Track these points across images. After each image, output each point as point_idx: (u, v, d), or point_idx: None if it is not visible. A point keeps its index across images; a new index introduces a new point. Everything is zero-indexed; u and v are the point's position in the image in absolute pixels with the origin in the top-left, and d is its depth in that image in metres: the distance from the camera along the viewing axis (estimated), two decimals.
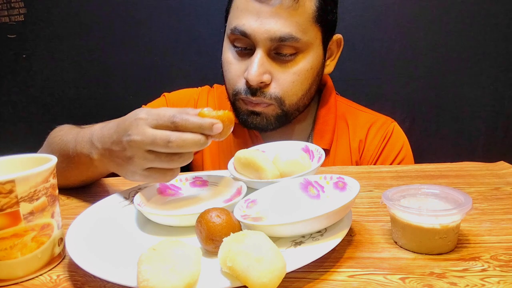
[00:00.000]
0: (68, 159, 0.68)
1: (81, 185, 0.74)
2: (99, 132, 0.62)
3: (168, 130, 0.53)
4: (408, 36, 1.25)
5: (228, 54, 0.83)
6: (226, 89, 0.86)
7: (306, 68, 0.80)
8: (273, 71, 0.79)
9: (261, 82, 0.78)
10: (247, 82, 0.79)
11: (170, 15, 1.34)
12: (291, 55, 0.78)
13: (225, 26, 0.85)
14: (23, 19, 1.42)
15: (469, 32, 1.22)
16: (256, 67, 0.76)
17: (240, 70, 0.81)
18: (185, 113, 0.54)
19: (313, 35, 0.79)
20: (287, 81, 0.79)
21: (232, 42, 0.82)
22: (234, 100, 0.84)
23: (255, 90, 0.79)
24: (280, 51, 0.78)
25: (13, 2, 1.41)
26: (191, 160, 0.55)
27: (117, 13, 1.37)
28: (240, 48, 0.81)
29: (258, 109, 0.81)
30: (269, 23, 0.75)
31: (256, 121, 0.82)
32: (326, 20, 0.81)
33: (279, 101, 0.80)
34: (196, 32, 1.34)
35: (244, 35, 0.77)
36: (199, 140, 0.52)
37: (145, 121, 0.54)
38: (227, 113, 0.54)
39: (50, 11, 1.40)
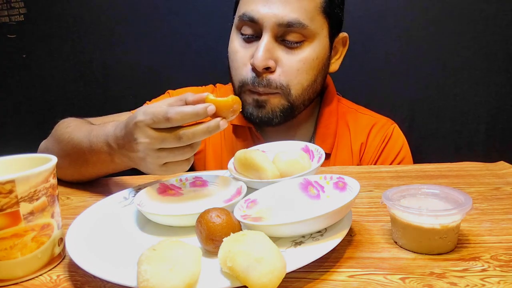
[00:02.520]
0: (83, 157, 0.70)
1: (97, 177, 0.77)
2: (113, 134, 0.64)
3: (164, 126, 0.54)
4: (408, 36, 1.24)
5: (235, 43, 0.83)
6: (232, 81, 0.85)
7: (312, 57, 0.79)
8: (279, 57, 0.78)
9: (267, 68, 0.77)
10: (253, 68, 0.78)
11: (171, 15, 1.34)
12: (297, 42, 0.78)
13: (233, 18, 0.85)
14: (23, 19, 1.42)
15: (469, 32, 1.22)
16: (263, 51, 0.76)
17: (246, 57, 0.80)
18: (180, 102, 0.57)
19: (320, 25, 0.79)
20: (292, 69, 0.78)
21: (240, 30, 0.82)
22: (240, 92, 0.83)
23: (261, 76, 0.78)
24: (287, 38, 0.78)
25: (13, 2, 1.41)
26: (199, 146, 0.58)
27: (117, 13, 1.37)
28: (247, 36, 0.80)
29: (263, 98, 0.80)
30: (278, 8, 0.76)
31: (262, 114, 0.81)
32: (333, 13, 0.81)
33: (285, 89, 0.79)
34: (196, 32, 1.34)
35: (252, 20, 0.77)
36: (207, 129, 0.54)
37: (144, 123, 0.55)
38: (232, 97, 0.57)
39: (50, 11, 1.40)
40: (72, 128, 0.75)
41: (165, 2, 1.34)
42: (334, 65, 0.89)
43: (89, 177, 0.77)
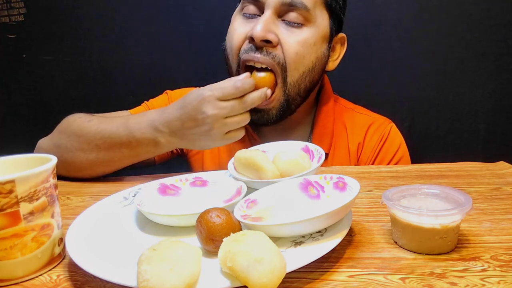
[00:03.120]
0: (118, 145, 0.75)
1: (127, 166, 0.80)
2: (160, 117, 0.72)
3: (233, 96, 0.68)
4: (408, 36, 1.25)
5: (235, 24, 0.81)
6: (230, 65, 0.83)
7: (310, 42, 0.78)
8: (279, 33, 0.77)
9: (267, 41, 0.75)
10: (251, 40, 0.76)
11: (170, 14, 1.34)
12: (297, 24, 0.77)
13: (236, 7, 0.84)
14: (23, 19, 1.42)
15: (468, 32, 1.22)
16: (263, 23, 0.74)
17: (245, 32, 0.78)
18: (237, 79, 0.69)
19: (320, 14, 0.79)
20: (291, 49, 0.77)
21: (242, 11, 0.81)
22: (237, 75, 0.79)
23: (260, 48, 0.76)
24: (288, 18, 0.77)
25: (13, 2, 1.41)
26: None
27: (117, 13, 1.37)
28: (248, 15, 0.80)
29: None
30: None
31: (256, 116, 0.79)
32: (334, 8, 0.82)
33: (283, 68, 0.77)
34: (196, 32, 1.34)
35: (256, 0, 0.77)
36: (260, 95, 0.70)
37: (213, 96, 0.67)
38: (271, 74, 0.76)
39: (50, 11, 1.40)
40: (98, 121, 0.79)
41: (165, 2, 1.34)
42: (331, 64, 0.88)
43: (119, 165, 0.79)
